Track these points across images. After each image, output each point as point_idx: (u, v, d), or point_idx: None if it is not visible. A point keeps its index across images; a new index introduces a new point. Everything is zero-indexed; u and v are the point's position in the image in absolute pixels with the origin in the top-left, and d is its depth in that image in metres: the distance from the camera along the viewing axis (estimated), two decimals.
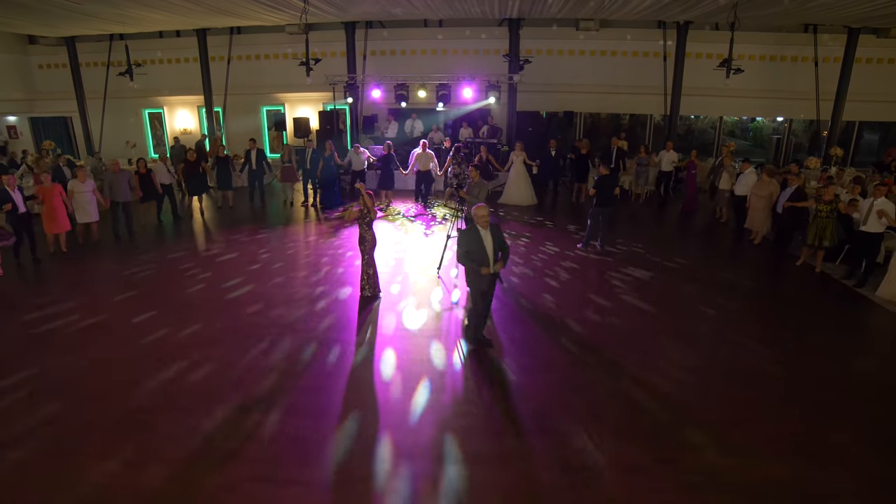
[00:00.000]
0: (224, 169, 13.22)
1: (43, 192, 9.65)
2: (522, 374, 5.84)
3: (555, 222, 12.09)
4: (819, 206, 8.81)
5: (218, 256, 9.81)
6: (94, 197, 10.43)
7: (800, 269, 9.26)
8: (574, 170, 14.19)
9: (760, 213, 10.28)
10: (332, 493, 4.14)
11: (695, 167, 12.75)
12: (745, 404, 5.33)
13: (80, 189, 10.22)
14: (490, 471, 4.38)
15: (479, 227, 5.92)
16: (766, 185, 10.17)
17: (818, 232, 8.83)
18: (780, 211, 9.52)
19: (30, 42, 19.23)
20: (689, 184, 12.77)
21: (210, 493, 4.13)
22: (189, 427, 4.88)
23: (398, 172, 13.52)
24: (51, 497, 4.11)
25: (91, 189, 10.38)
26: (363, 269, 7.67)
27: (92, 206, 10.38)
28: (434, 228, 11.50)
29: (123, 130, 18.78)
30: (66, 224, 9.89)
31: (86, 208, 10.32)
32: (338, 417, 5.06)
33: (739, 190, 10.99)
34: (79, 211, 10.30)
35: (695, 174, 12.71)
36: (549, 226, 11.83)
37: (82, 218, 10.36)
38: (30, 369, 5.87)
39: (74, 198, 10.16)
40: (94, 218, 10.47)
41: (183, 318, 7.12)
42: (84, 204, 10.28)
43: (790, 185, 9.50)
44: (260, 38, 17.67)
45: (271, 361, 6.03)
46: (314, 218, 12.70)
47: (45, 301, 7.73)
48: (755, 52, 15.60)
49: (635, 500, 4.08)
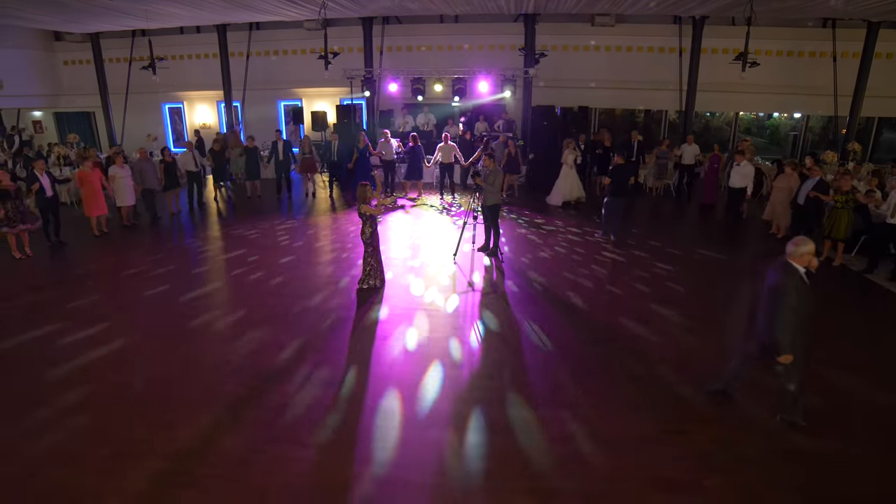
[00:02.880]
0: (252, 159, 13.53)
1: (84, 177, 10.11)
2: (538, 353, 5.96)
3: (579, 214, 12.18)
4: (836, 196, 8.79)
5: (253, 238, 10.11)
6: (132, 182, 10.92)
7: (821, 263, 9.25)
8: (597, 163, 14.15)
9: (780, 205, 10.28)
10: (344, 455, 4.30)
11: (718, 161, 12.68)
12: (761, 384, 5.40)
13: (120, 174, 10.71)
14: (506, 439, 4.51)
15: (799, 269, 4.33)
16: (786, 177, 10.17)
17: (832, 223, 8.82)
18: (802, 203, 9.45)
19: (56, 39, 19.72)
20: (711, 177, 12.71)
21: (236, 453, 4.31)
22: (216, 395, 5.09)
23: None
24: (84, 451, 4.34)
25: (129, 174, 10.89)
26: (365, 263, 7.62)
27: (129, 191, 10.89)
28: (456, 219, 11.68)
29: (144, 124, 19.16)
30: (104, 207, 10.37)
31: (125, 192, 10.82)
32: (356, 387, 5.23)
33: (734, 182, 11.01)
34: (118, 194, 10.78)
35: (717, 168, 12.69)
36: (572, 216, 11.94)
37: (121, 201, 10.86)
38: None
39: (115, 182, 10.66)
40: (131, 202, 11.00)
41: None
42: (123, 188, 10.78)
43: (812, 177, 9.42)
44: (278, 34, 17.95)
45: (292, 339, 6.23)
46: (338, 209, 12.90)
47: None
48: (772, 47, 15.53)
49: (645, 466, 4.19)
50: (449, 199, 13.41)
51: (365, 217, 7.34)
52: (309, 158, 13.86)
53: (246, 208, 12.95)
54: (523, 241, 10.10)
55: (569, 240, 10.15)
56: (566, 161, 12.70)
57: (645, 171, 14.34)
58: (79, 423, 4.70)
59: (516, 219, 11.57)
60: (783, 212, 10.24)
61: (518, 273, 8.37)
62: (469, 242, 9.36)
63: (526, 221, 11.41)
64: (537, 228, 10.91)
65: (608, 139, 13.78)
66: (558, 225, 11.17)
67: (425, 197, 13.63)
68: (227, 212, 12.71)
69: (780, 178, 10.40)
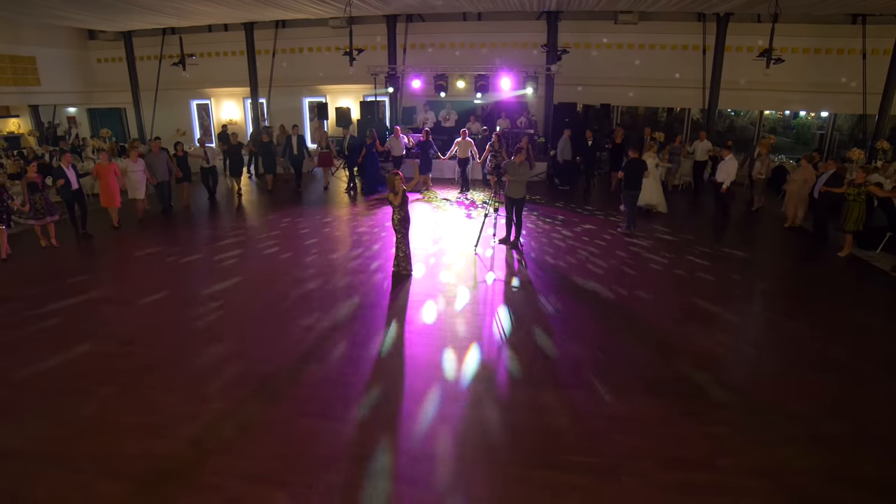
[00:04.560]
0: (268, 154, 13.81)
1: (100, 170, 10.41)
2: (558, 337, 6.11)
3: (596, 209, 12.22)
4: (849, 189, 8.88)
5: (283, 230, 10.41)
6: (144, 176, 11.16)
7: (832, 254, 9.25)
8: (610, 159, 14.26)
9: (795, 196, 10.52)
10: (368, 429, 4.49)
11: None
12: (775, 370, 5.47)
13: (132, 168, 10.97)
14: (526, 416, 4.66)
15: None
16: (802, 170, 10.39)
17: (844, 214, 8.92)
18: (816, 196, 9.54)
19: (90, 37, 20.39)
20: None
21: (268, 425, 4.53)
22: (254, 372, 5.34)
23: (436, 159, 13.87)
24: (120, 419, 4.61)
25: (142, 168, 11.12)
26: (397, 248, 7.91)
27: (141, 185, 11.11)
28: (472, 211, 11.83)
29: (173, 119, 19.69)
30: (117, 200, 10.59)
31: (136, 186, 11.06)
32: (380, 366, 5.44)
33: (720, 176, 11.05)
34: (130, 188, 11.06)
35: None
36: (589, 212, 11.98)
37: (133, 194, 11.11)
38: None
39: (127, 176, 10.93)
40: (141, 195, 11.19)
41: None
42: (135, 182, 11.04)
43: (826, 171, 9.51)
44: (304, 32, 18.28)
45: (321, 322, 6.46)
46: (354, 202, 13.17)
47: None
48: (799, 44, 15.34)
49: (659, 446, 4.29)
50: (465, 193, 13.58)
51: (393, 205, 7.58)
52: (326, 153, 14.15)
53: (264, 200, 13.32)
54: (543, 234, 10.21)
55: (589, 232, 10.23)
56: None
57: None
58: (110, 393, 5.00)
59: (537, 213, 11.67)
60: (799, 203, 10.49)
61: (538, 264, 8.51)
62: (490, 234, 9.58)
63: (547, 216, 11.50)
64: (557, 222, 11.00)
65: (620, 135, 13.86)
66: (580, 219, 11.25)
67: (435, 191, 13.79)
68: (249, 203, 13.06)
69: (797, 171, 10.67)
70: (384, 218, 11.18)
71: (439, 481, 3.92)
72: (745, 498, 3.75)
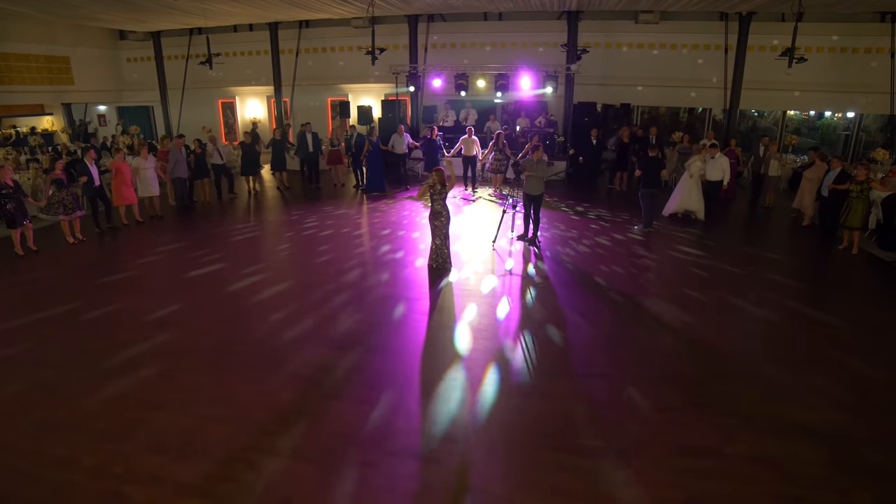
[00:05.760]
0: (279, 151, 14.11)
1: (116, 167, 10.66)
2: (575, 329, 6.29)
3: (608, 209, 12.30)
4: (851, 186, 9.00)
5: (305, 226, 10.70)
6: (156, 173, 11.39)
7: (842, 251, 9.33)
8: (616, 158, 14.26)
9: (808, 195, 10.64)
10: (395, 411, 4.70)
11: (734, 156, 12.71)
12: (788, 363, 5.54)
13: (143, 165, 11.19)
14: (543, 403, 4.84)
15: None
16: (815, 169, 10.45)
17: (847, 212, 9.07)
18: (825, 195, 9.63)
19: (120, 38, 21.01)
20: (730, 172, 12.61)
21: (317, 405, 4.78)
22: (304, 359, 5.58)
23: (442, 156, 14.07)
24: (186, 409, 4.88)
25: (153, 166, 11.35)
26: (433, 243, 8.02)
27: (153, 182, 11.31)
28: (484, 207, 12.02)
29: (199, 118, 20.19)
30: (131, 197, 10.83)
31: (147, 183, 11.25)
32: (408, 355, 5.67)
33: (710, 175, 11.01)
34: (142, 185, 11.22)
35: (734, 163, 12.66)
36: (601, 212, 12.06)
37: (143, 192, 11.28)
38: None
39: (138, 174, 11.12)
40: (154, 192, 11.40)
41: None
42: (146, 179, 11.23)
43: (833, 169, 9.57)
44: (327, 32, 18.60)
45: (356, 314, 6.75)
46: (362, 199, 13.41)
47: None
48: (823, 43, 15.16)
49: (670, 433, 4.42)
50: (469, 191, 13.78)
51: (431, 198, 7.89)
52: (336, 150, 14.41)
53: (281, 197, 13.66)
54: (561, 230, 10.35)
55: (606, 230, 10.32)
56: (689, 168, 11.17)
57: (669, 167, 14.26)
58: (149, 374, 5.29)
59: (556, 210, 11.78)
60: (810, 202, 10.60)
61: (555, 260, 8.66)
62: (508, 229, 9.79)
63: (565, 213, 11.61)
64: (576, 219, 11.11)
65: (627, 135, 13.92)
66: (597, 216, 11.34)
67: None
68: (267, 201, 13.40)
69: (810, 169, 10.69)
70: (391, 215, 11.48)
71: (458, 461, 4.10)
72: (748, 484, 3.86)
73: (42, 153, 14.96)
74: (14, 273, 8.23)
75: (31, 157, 14.00)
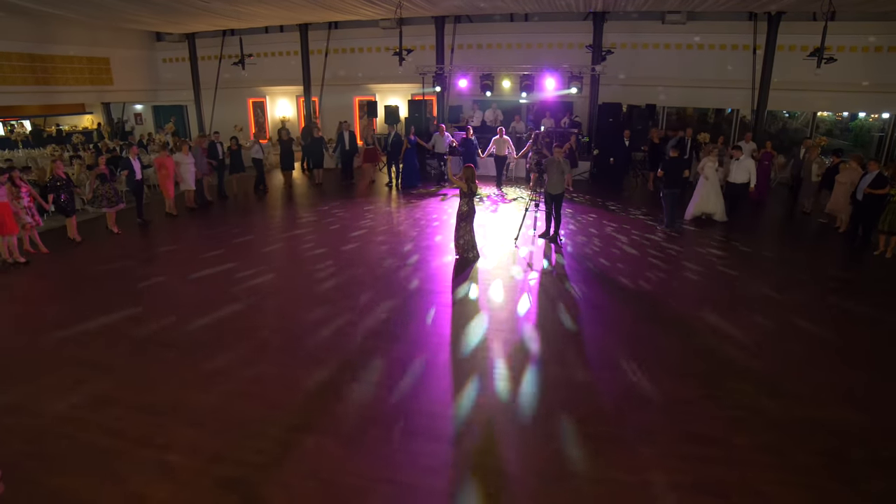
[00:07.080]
0: (317, 149, 14.52)
1: (160, 162, 11.30)
2: (593, 324, 6.47)
3: (633, 208, 12.36)
4: (891, 190, 8.84)
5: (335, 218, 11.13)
6: (195, 168, 11.90)
7: (877, 257, 9.14)
8: (648, 159, 14.29)
9: (842, 198, 10.25)
10: (415, 395, 4.94)
11: (768, 158, 12.57)
12: (801, 360, 5.62)
13: (185, 161, 11.68)
14: (558, 392, 5.03)
15: None
16: (849, 172, 10.12)
17: (886, 216, 8.88)
18: (860, 198, 9.37)
19: (157, 39, 21.79)
20: (761, 174, 12.49)
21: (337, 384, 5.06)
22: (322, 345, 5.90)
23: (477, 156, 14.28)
24: (206, 387, 5.20)
25: (193, 161, 11.86)
26: (457, 235, 8.51)
27: (191, 176, 11.82)
28: (511, 206, 12.23)
29: (230, 116, 20.81)
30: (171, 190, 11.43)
31: (186, 178, 11.76)
32: (432, 342, 5.92)
33: (735, 177, 10.77)
34: (183, 179, 11.72)
35: (767, 165, 12.53)
36: (629, 210, 12.15)
37: (184, 186, 11.81)
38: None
39: (180, 168, 11.60)
40: (192, 186, 11.94)
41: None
42: (185, 174, 11.73)
43: (869, 171, 9.34)
44: (355, 33, 19.03)
45: (384, 302, 7.03)
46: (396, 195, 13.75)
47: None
48: (856, 42, 14.90)
49: (681, 422, 4.56)
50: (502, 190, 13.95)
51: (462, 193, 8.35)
52: (372, 149, 14.74)
53: (313, 193, 14.05)
54: (583, 230, 10.49)
55: (628, 231, 10.41)
56: (703, 171, 11.08)
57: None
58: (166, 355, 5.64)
59: (576, 212, 11.91)
60: (845, 205, 10.25)
61: (576, 258, 8.82)
62: (531, 228, 9.96)
63: (587, 213, 11.72)
64: (598, 218, 11.22)
65: (657, 136, 13.89)
66: (619, 216, 11.42)
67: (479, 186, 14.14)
68: (301, 195, 13.81)
69: (844, 172, 10.35)
70: (427, 210, 11.72)
71: (475, 444, 4.32)
72: (754, 471, 3.98)
73: (84, 150, 15.67)
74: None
75: (74, 153, 14.68)
